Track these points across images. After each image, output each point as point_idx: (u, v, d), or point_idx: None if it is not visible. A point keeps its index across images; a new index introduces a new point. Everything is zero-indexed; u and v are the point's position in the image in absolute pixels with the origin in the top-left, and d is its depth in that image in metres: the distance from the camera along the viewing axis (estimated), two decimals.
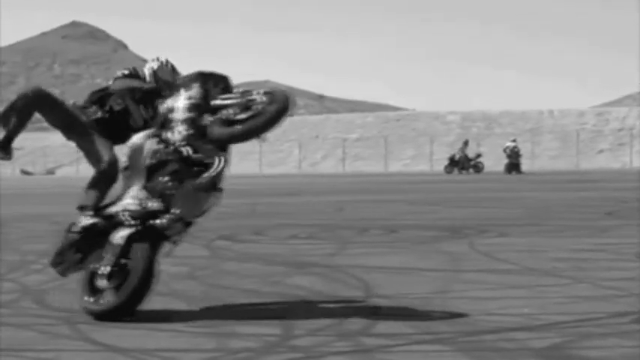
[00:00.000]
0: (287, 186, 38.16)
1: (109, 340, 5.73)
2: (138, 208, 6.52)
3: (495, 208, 19.40)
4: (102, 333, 5.95)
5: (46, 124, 7.14)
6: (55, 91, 7.46)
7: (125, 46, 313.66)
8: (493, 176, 48.05)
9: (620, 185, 30.11)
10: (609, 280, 8.02)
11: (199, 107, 6.54)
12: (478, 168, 58.56)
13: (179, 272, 9.12)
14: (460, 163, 58.52)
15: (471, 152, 59.36)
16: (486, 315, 6.41)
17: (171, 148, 6.49)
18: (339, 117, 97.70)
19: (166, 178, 6.48)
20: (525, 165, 61.31)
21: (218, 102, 6.55)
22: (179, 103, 6.60)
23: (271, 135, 6.72)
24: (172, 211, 6.44)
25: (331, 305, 6.97)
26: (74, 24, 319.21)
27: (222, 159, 6.47)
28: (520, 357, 5.15)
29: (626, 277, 8.18)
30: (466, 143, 60.05)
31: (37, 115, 6.87)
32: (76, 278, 6.85)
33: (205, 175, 6.42)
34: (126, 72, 7.29)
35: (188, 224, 6.59)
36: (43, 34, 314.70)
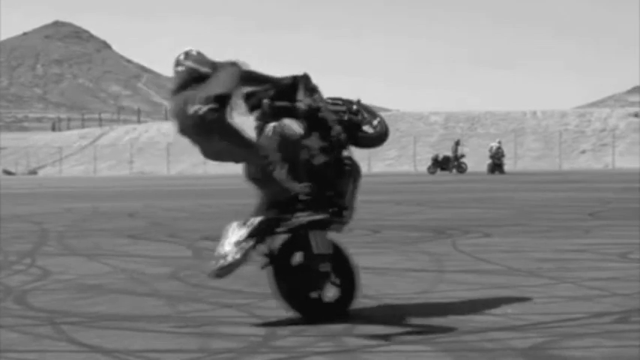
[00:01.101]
0: None
1: (92, 341, 5.71)
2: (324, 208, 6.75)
3: (479, 208, 19.44)
4: (85, 333, 5.94)
5: (27, 124, 7.11)
6: (37, 91, 7.38)
7: (109, 46, 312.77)
8: (476, 176, 48.16)
9: (603, 186, 30.23)
10: (592, 280, 8.05)
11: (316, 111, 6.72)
12: (461, 168, 58.67)
13: (162, 273, 9.12)
14: (450, 163, 58.43)
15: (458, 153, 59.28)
16: (469, 315, 6.42)
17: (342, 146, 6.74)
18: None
19: (336, 178, 6.71)
20: (508, 165, 61.47)
21: (335, 107, 6.81)
22: (320, 103, 6.68)
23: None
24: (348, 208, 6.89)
25: None
26: (57, 24, 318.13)
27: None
28: (502, 357, 5.16)
29: (609, 277, 8.21)
30: (457, 143, 59.99)
31: (18, 115, 6.81)
32: (66, 278, 6.82)
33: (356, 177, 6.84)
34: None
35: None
36: (26, 33, 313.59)
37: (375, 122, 6.91)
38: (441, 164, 59.58)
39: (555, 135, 75.35)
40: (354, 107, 6.92)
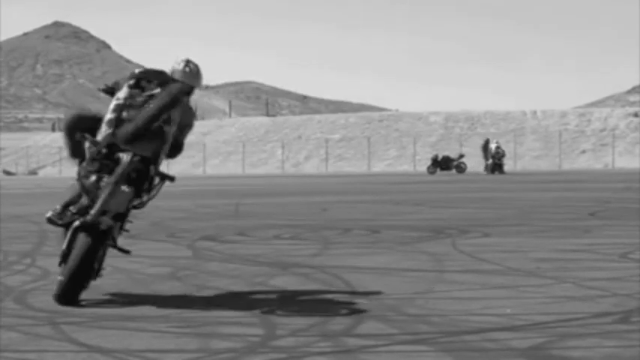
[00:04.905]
0: (270, 186, 38.12)
1: (92, 340, 5.71)
2: (81, 204, 7.21)
3: (478, 208, 19.44)
4: (85, 333, 5.93)
5: (27, 124, 7.45)
6: (37, 92, 7.83)
7: (108, 47, 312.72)
8: (476, 177, 48.15)
9: (603, 186, 30.23)
10: (592, 280, 8.04)
11: (123, 107, 7.18)
12: (461, 168, 58.68)
13: (162, 273, 9.12)
14: (493, 162, 57.34)
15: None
16: (469, 315, 6.42)
17: (96, 147, 7.13)
18: (322, 117, 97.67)
19: (92, 176, 7.10)
20: (508, 165, 61.49)
21: (140, 99, 7.20)
22: (111, 105, 7.25)
23: (254, 135, 6.84)
24: (96, 206, 7.02)
25: (314, 305, 6.97)
26: (57, 24, 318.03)
27: (130, 155, 7.06)
28: (502, 357, 5.16)
29: (609, 277, 8.21)
30: (488, 142, 59.45)
31: (18, 115, 7.14)
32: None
33: (115, 170, 7.05)
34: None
35: (119, 217, 7.18)
36: (26, 34, 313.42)
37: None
38: (440, 164, 59.60)
39: (555, 135, 75.36)
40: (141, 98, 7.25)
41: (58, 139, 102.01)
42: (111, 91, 7.48)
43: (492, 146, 57.85)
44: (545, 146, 76.05)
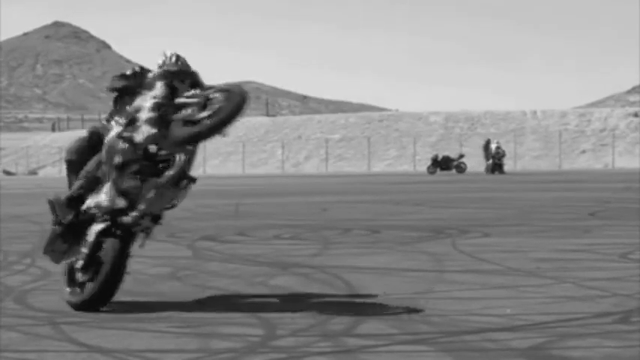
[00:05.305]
0: (270, 186, 38.12)
1: (92, 340, 5.71)
2: (108, 204, 6.85)
3: (478, 208, 19.44)
4: (85, 333, 5.94)
5: (27, 124, 7.29)
6: (37, 92, 7.65)
7: (108, 47, 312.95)
8: (476, 177, 48.16)
9: (603, 186, 30.22)
10: (592, 280, 8.04)
11: (162, 106, 6.79)
12: (461, 168, 58.67)
13: (162, 273, 9.12)
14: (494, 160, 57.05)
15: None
16: (469, 315, 6.42)
17: (136, 147, 6.76)
18: (322, 117, 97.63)
19: (131, 177, 6.78)
20: (508, 165, 61.46)
21: (182, 100, 6.79)
22: (145, 103, 6.84)
23: (254, 135, 6.83)
24: (137, 208, 6.78)
25: (314, 306, 6.97)
26: (57, 24, 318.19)
27: (183, 156, 6.79)
28: (502, 357, 5.16)
29: (609, 277, 8.21)
30: (489, 142, 59.33)
31: (18, 115, 7.01)
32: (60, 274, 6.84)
33: (167, 173, 6.76)
34: (128, 72, 7.37)
35: (156, 218, 6.96)
36: (26, 34, 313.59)
37: (204, 114, 6.66)
38: (440, 164, 59.59)
39: (555, 135, 75.36)
40: (198, 99, 6.77)
41: (58, 139, 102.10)
42: (123, 90, 7.27)
43: (492, 146, 57.83)
44: (545, 146, 76.03)
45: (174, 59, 7.22)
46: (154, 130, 6.72)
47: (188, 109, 6.69)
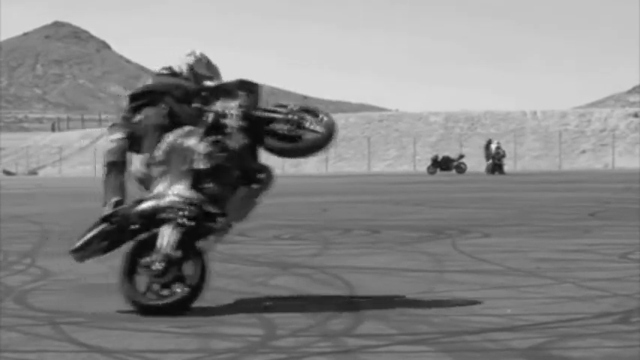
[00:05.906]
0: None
1: (92, 340, 5.71)
2: (194, 209, 6.71)
3: (478, 208, 19.44)
4: (85, 333, 5.93)
5: (27, 124, 7.22)
6: (37, 92, 7.58)
7: (108, 47, 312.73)
8: (476, 177, 48.16)
9: (603, 186, 30.22)
10: (592, 280, 8.04)
11: (250, 117, 6.82)
12: (461, 169, 58.65)
13: None
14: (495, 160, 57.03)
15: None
16: (469, 315, 6.42)
17: (230, 153, 6.75)
18: None
19: (221, 183, 6.77)
20: (508, 166, 61.45)
21: (265, 114, 6.87)
22: (233, 110, 6.82)
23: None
24: (227, 214, 6.81)
25: (314, 306, 6.97)
26: (57, 24, 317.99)
27: (272, 171, 6.95)
28: (503, 357, 5.16)
29: (609, 277, 8.21)
30: (490, 142, 59.26)
31: (18, 115, 6.95)
32: (66, 278, 6.82)
33: (257, 185, 6.91)
34: (165, 71, 7.28)
35: (230, 225, 6.99)
36: (26, 34, 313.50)
37: (309, 135, 6.82)
38: (440, 164, 59.59)
39: (555, 135, 75.36)
40: (291, 115, 6.86)
41: (58, 139, 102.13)
42: (174, 73, 7.18)
43: (492, 146, 57.82)
44: (545, 146, 76.00)
45: (205, 60, 7.24)
46: (246, 140, 6.78)
47: (282, 124, 6.81)
